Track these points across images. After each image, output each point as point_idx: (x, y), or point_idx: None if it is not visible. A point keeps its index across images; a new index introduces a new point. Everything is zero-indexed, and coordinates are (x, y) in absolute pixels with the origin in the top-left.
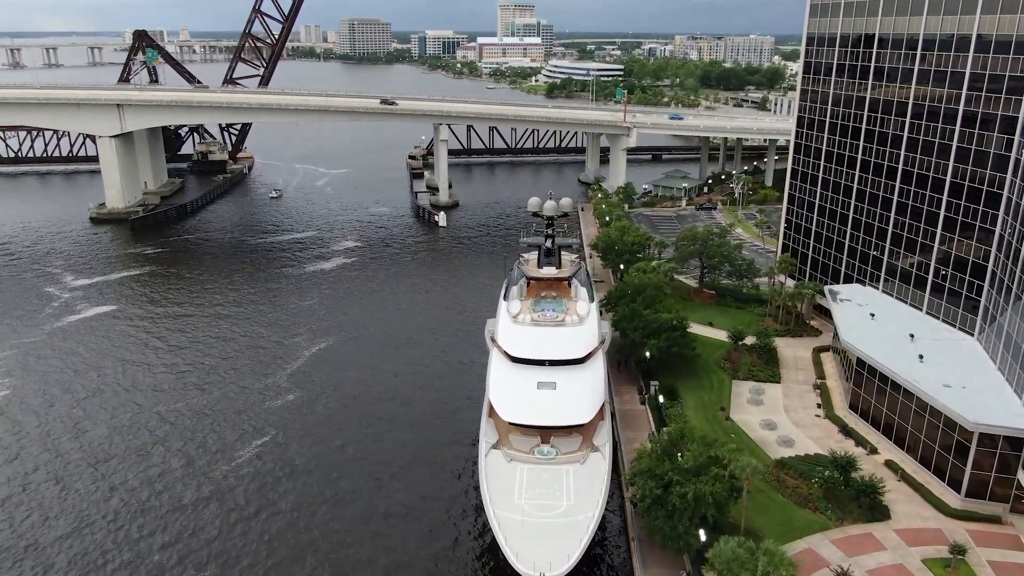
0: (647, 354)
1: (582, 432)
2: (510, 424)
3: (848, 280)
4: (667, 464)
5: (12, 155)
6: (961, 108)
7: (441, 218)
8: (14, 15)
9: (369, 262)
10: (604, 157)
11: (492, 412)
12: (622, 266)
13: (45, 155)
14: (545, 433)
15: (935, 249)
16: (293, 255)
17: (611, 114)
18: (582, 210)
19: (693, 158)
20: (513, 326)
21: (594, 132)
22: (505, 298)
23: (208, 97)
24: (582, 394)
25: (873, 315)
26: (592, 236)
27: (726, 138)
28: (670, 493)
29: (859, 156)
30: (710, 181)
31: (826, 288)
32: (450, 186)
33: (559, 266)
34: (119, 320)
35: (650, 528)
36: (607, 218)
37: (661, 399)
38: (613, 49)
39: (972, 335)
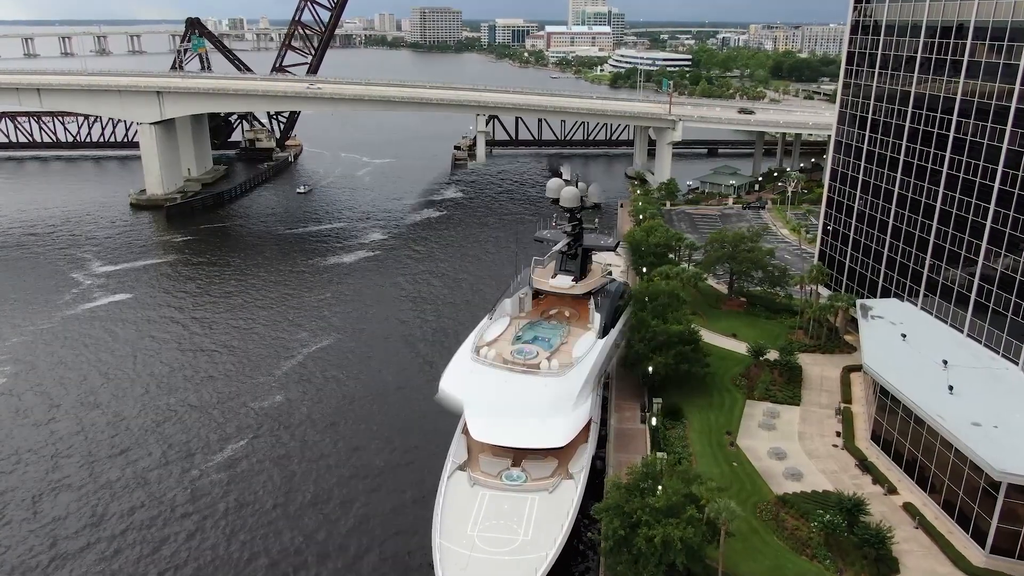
0: (649, 369)
1: (558, 456)
2: (481, 443)
3: (886, 294)
4: (637, 501)
5: (71, 139)
6: (1014, 105)
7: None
8: (112, 4)
9: (390, 257)
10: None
11: (466, 428)
12: (644, 269)
13: (102, 139)
14: (518, 454)
15: (979, 264)
16: (318, 247)
17: (657, 106)
18: (621, 206)
19: (751, 153)
20: (470, 363)
21: (639, 125)
22: (492, 313)
23: (244, 85)
24: (561, 418)
25: (905, 336)
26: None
27: (784, 133)
28: (636, 535)
29: (901, 157)
30: (760, 179)
31: (858, 302)
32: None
33: (579, 277)
34: (131, 309)
35: (613, 573)
36: (640, 216)
37: (661, 419)
38: (687, 39)
39: (1017, 363)
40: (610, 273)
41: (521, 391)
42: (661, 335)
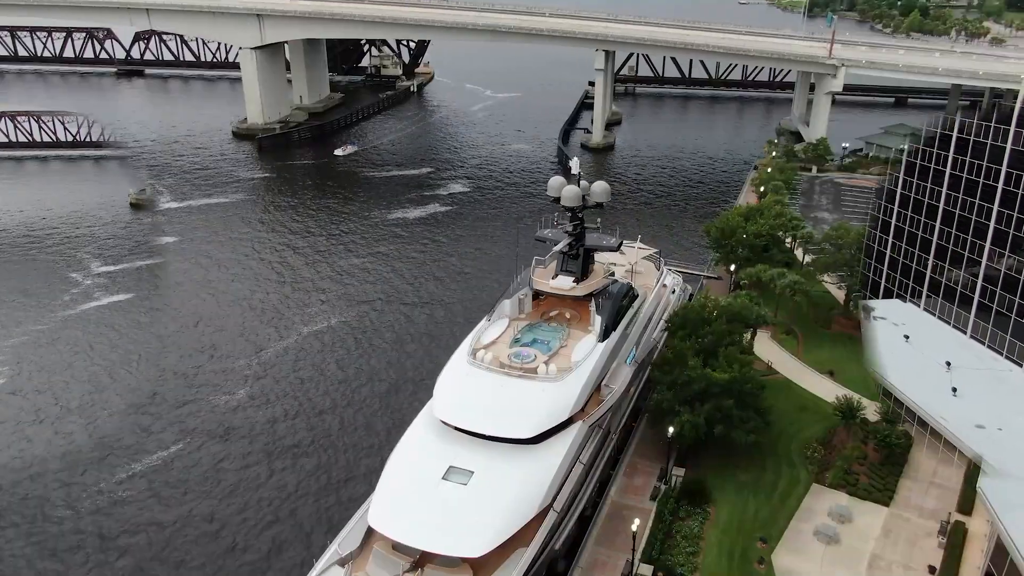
0: (671, 430)
1: (475, 567)
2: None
3: (888, 295)
4: None
5: (210, 59)
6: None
7: (574, 164)
8: None
9: (458, 216)
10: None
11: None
12: (732, 267)
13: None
14: (422, 557)
15: (983, 265)
16: (390, 196)
17: (819, 46)
18: (756, 169)
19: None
20: (465, 366)
21: (795, 68)
22: (490, 314)
23: (344, 9)
24: (501, 503)
25: (907, 337)
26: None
27: (993, 88)
28: None
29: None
30: None
31: (861, 303)
32: (618, 122)
33: (581, 278)
34: (171, 251)
35: None
36: (762, 188)
37: (673, 502)
38: None
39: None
40: (613, 274)
41: (516, 396)
42: (698, 382)
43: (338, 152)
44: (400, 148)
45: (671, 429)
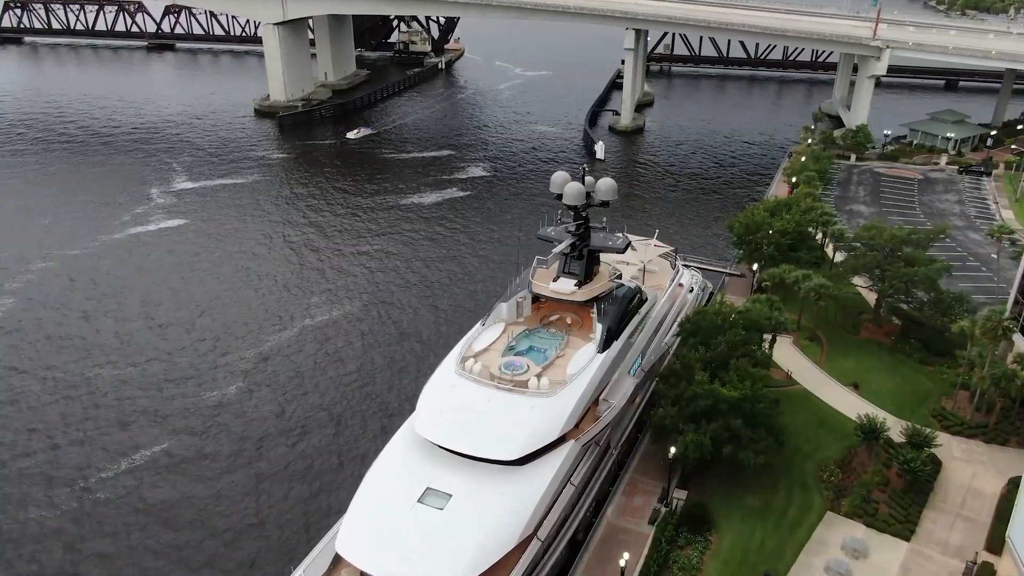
0: (672, 451)
1: None
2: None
3: None
4: None
5: (239, 34)
6: None
7: (599, 149)
8: None
9: (474, 202)
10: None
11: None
12: (755, 267)
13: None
14: None
15: None
16: (407, 179)
17: (864, 26)
18: (791, 156)
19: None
20: (452, 376)
21: (836, 50)
22: (485, 318)
23: None
24: (479, 531)
25: None
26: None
27: None
28: None
29: None
30: (993, 133)
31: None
32: (650, 103)
33: (585, 280)
34: (179, 234)
35: None
36: (794, 179)
37: (672, 528)
38: None
39: None
40: (620, 275)
41: (503, 412)
42: (705, 399)
43: (350, 136)
44: (422, 128)
45: (672, 449)
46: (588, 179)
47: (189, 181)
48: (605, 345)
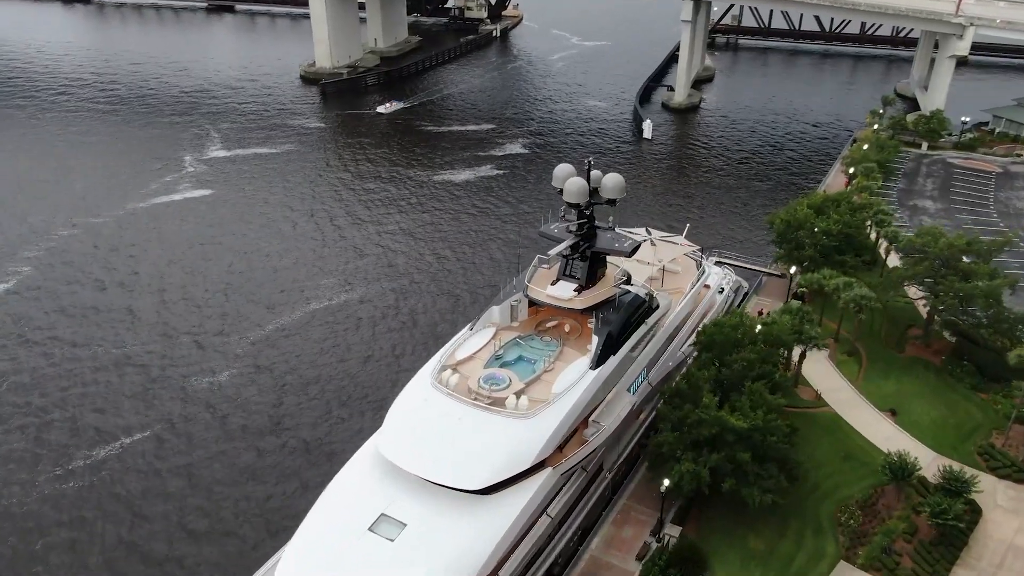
0: (665, 483)
1: None
2: None
3: None
4: None
5: None
6: None
7: (647, 128)
8: None
9: (507, 182)
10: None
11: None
12: (793, 269)
13: None
14: None
15: None
16: (443, 154)
17: (945, 1)
18: (854, 143)
19: None
20: (426, 389)
21: (914, 27)
22: (475, 322)
23: None
24: (431, 566)
25: None
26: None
27: None
28: None
29: None
30: None
31: None
32: (710, 79)
33: (587, 284)
34: (203, 206)
35: None
36: (851, 170)
37: (659, 571)
38: None
39: None
40: (628, 279)
41: (474, 434)
42: (709, 426)
43: (381, 109)
44: (465, 100)
45: (666, 482)
46: (595, 173)
47: (223, 149)
48: (599, 361)
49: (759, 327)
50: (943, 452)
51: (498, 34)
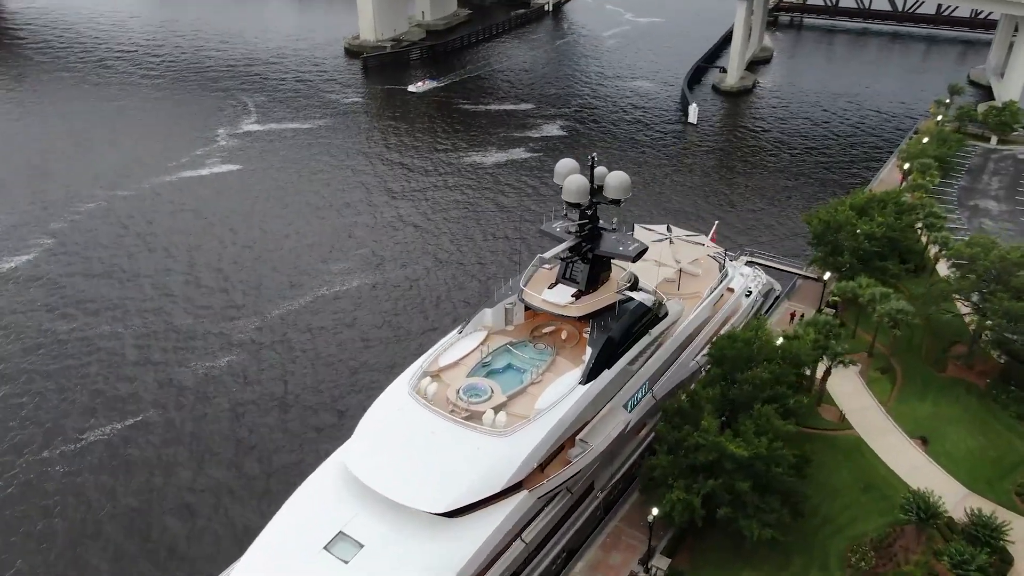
0: (653, 512)
1: None
2: None
3: None
4: None
5: None
6: None
7: (692, 112)
8: None
9: (539, 166)
10: None
11: None
12: (827, 275)
13: None
14: None
15: None
16: (477, 134)
17: None
18: (916, 134)
19: None
20: (403, 397)
21: (990, 8)
22: (465, 324)
23: None
24: None
25: None
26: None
27: None
28: None
29: None
30: None
31: None
32: (767, 60)
33: (587, 289)
34: (230, 182)
35: None
36: (905, 166)
37: None
38: None
39: None
40: (634, 284)
41: (444, 451)
42: (708, 452)
43: (412, 88)
44: (508, 77)
45: (654, 511)
46: (600, 170)
47: (257, 123)
48: (590, 375)
49: (780, 339)
50: (976, 489)
51: (551, 8)
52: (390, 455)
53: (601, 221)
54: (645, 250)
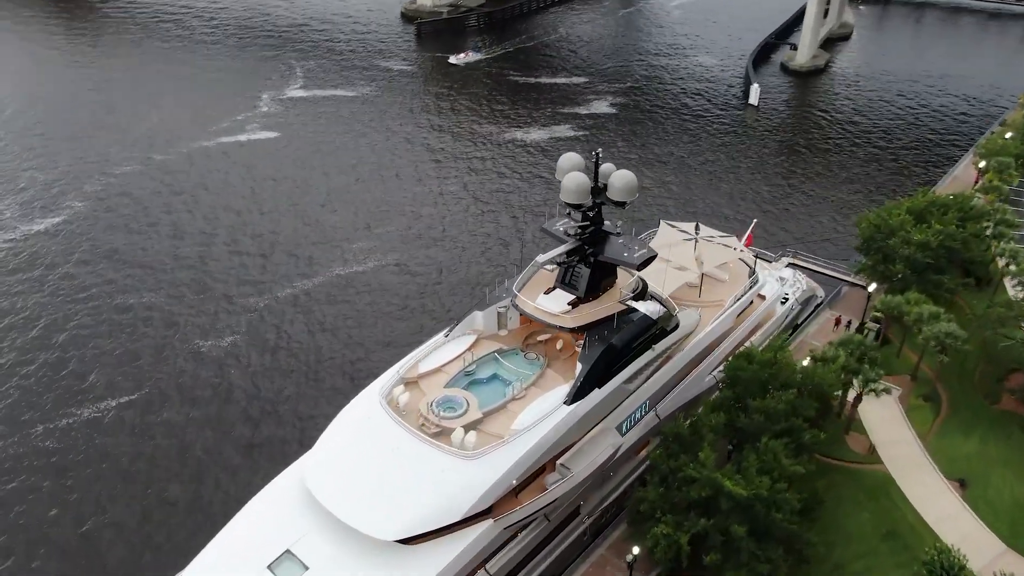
0: (634, 551)
1: None
2: None
3: None
4: None
5: None
6: None
7: (753, 93)
8: None
9: (583, 147)
10: None
11: None
12: (874, 286)
13: None
14: None
15: None
16: (520, 108)
17: None
18: (1002, 125)
19: None
20: (374, 407)
21: None
22: (452, 327)
23: None
24: None
25: None
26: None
27: None
28: None
29: None
30: None
31: None
32: (846, 37)
33: (587, 296)
34: (266, 149)
35: None
36: (980, 164)
37: None
38: None
39: None
40: (640, 292)
41: (405, 471)
42: (702, 487)
43: (453, 60)
44: (565, 48)
45: (635, 549)
46: (606, 166)
47: (302, 89)
48: (577, 395)
49: (808, 359)
50: (1017, 546)
51: None
52: (348, 471)
53: (608, 223)
54: (652, 258)
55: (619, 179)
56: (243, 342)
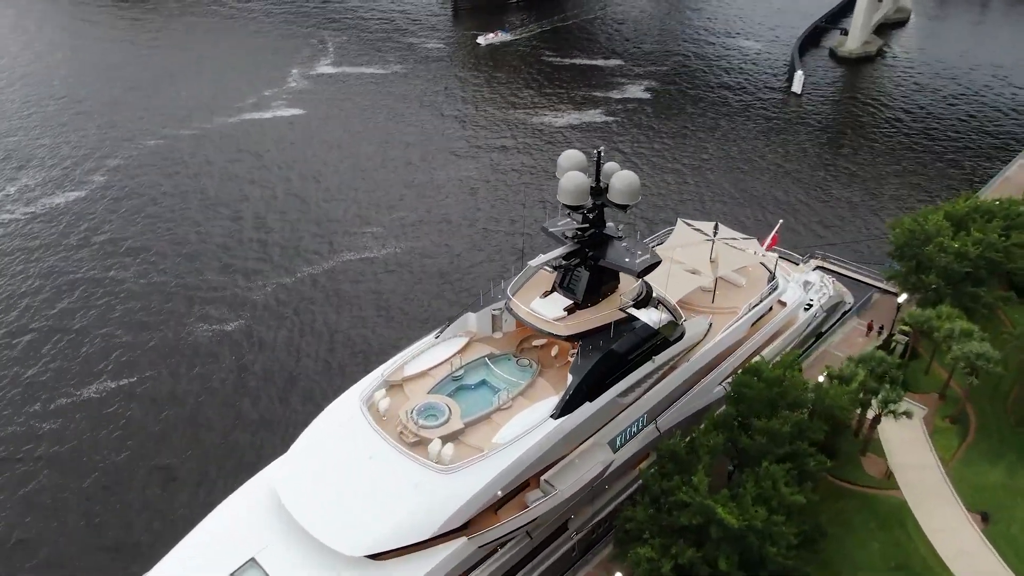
0: None
1: None
2: None
3: None
4: None
5: None
6: None
7: (797, 80)
8: None
9: (610, 134)
10: None
11: None
12: (904, 297)
13: None
14: None
15: None
16: (553, 90)
17: None
18: None
19: None
20: (354, 411)
21: None
22: (442, 329)
23: None
24: None
25: None
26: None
27: None
28: None
29: None
30: None
31: None
32: (903, 22)
33: (583, 302)
34: (290, 128)
35: None
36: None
37: None
38: None
39: None
40: (643, 299)
41: (376, 483)
42: (693, 513)
43: (481, 41)
44: (604, 28)
45: (617, 575)
46: (609, 165)
47: (331, 65)
48: (565, 409)
49: (823, 375)
50: None
51: None
52: (320, 479)
53: (610, 224)
54: (655, 264)
55: (620, 180)
56: (263, 315)
